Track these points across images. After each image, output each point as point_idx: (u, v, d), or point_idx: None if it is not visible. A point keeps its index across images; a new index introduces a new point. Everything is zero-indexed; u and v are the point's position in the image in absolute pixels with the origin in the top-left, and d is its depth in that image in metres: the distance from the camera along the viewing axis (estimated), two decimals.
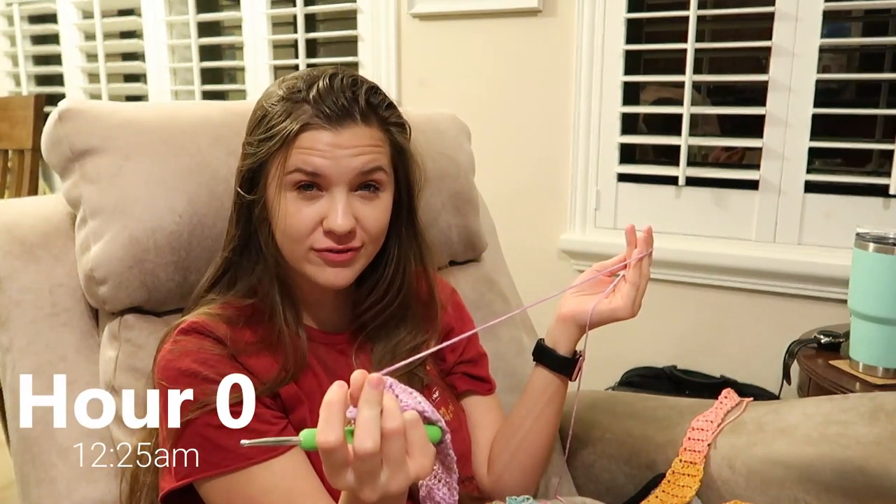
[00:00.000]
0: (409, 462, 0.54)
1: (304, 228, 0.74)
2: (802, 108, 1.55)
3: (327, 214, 0.74)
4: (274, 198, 0.75)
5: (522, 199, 1.87)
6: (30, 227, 0.91)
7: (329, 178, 0.74)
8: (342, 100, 0.74)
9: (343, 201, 0.74)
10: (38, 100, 1.97)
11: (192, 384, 0.70)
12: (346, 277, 0.77)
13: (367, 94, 0.76)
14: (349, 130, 0.74)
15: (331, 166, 0.73)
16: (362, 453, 0.51)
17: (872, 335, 1.23)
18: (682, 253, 1.69)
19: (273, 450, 0.71)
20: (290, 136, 0.73)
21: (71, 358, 0.88)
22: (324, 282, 0.77)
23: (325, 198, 0.75)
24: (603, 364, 1.85)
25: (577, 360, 0.91)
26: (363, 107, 0.75)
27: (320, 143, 0.73)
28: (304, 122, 0.73)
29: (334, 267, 0.76)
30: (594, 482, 1.12)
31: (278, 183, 0.74)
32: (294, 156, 0.73)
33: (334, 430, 0.52)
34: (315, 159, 0.73)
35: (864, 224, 1.26)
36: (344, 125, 0.74)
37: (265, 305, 0.79)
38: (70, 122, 0.86)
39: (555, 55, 1.78)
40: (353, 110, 0.74)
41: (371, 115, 0.76)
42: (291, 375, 0.76)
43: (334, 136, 0.73)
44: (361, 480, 0.53)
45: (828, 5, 1.50)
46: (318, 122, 0.73)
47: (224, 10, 2.41)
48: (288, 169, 0.74)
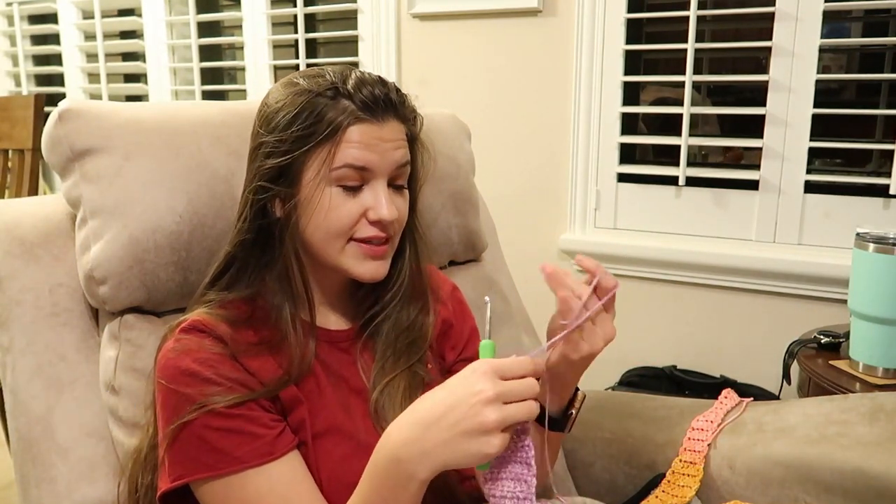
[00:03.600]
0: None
1: (350, 221, 0.75)
2: (802, 108, 1.55)
3: (371, 206, 0.75)
4: (312, 192, 0.75)
5: (522, 199, 1.87)
6: (30, 227, 0.91)
7: (373, 171, 0.75)
8: (379, 93, 0.75)
9: (385, 191, 0.76)
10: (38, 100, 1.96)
11: (191, 384, 0.70)
12: (385, 270, 0.80)
13: (394, 88, 0.78)
14: (389, 124, 0.76)
15: (376, 159, 0.75)
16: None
17: (872, 335, 1.23)
18: (682, 253, 1.69)
19: (269, 454, 0.71)
20: (338, 130, 0.73)
21: (71, 358, 0.88)
22: (364, 275, 0.78)
23: (366, 190, 0.76)
24: (603, 364, 1.84)
25: (569, 416, 0.81)
26: (395, 100, 0.77)
27: (367, 136, 0.74)
28: (352, 116, 0.73)
29: (375, 260, 0.78)
30: (594, 482, 1.12)
31: (321, 177, 0.74)
32: (342, 150, 0.73)
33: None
34: (364, 153, 0.74)
35: (864, 224, 1.26)
36: (385, 118, 0.75)
37: (268, 306, 0.78)
38: (70, 122, 0.86)
39: (555, 55, 1.78)
40: (389, 104, 0.76)
41: (401, 110, 0.78)
42: (295, 379, 0.76)
43: (379, 130, 0.75)
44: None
45: (828, 5, 1.50)
46: (364, 115, 0.74)
47: (224, 10, 2.41)
48: (336, 164, 0.74)
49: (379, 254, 0.78)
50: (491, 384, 0.60)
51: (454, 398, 0.61)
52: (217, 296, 0.79)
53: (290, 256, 0.77)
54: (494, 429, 0.60)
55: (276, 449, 0.71)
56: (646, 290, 1.76)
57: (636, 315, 1.78)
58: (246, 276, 0.79)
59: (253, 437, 0.70)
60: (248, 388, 0.72)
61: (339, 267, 0.78)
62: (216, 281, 0.80)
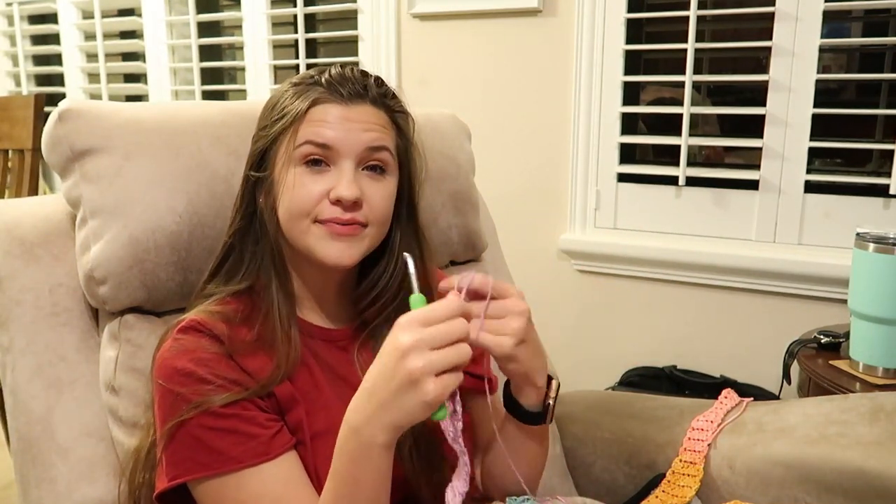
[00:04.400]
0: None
1: (311, 200, 0.75)
2: (802, 108, 1.55)
3: (334, 186, 0.75)
4: (280, 173, 0.76)
5: (522, 199, 1.87)
6: (30, 227, 0.91)
7: (338, 150, 0.75)
8: (354, 83, 0.77)
9: (350, 172, 0.75)
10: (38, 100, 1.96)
11: (187, 384, 0.70)
12: (352, 255, 0.76)
13: (376, 81, 0.79)
14: (359, 108, 0.77)
15: (340, 139, 0.75)
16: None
17: (872, 335, 1.23)
18: (682, 253, 1.69)
19: (265, 454, 0.71)
20: (301, 111, 0.75)
21: (71, 358, 0.88)
22: (328, 257, 0.76)
23: (333, 172, 0.76)
24: (603, 364, 1.85)
25: (546, 408, 0.79)
26: (373, 92, 0.78)
27: (330, 116, 0.75)
28: (315, 97, 0.76)
29: (340, 241, 0.75)
30: (594, 482, 1.12)
31: (287, 158, 0.76)
32: (304, 129, 0.75)
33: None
34: (325, 130, 0.75)
35: (864, 224, 1.26)
36: (355, 102, 0.77)
37: (262, 301, 0.78)
38: (70, 122, 0.86)
39: (555, 55, 1.78)
40: (364, 92, 0.77)
41: (380, 101, 0.79)
42: (285, 373, 0.75)
43: (345, 111, 0.76)
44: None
45: (828, 5, 1.50)
46: (329, 97, 0.76)
47: (224, 10, 2.41)
48: (298, 142, 0.75)
49: (343, 233, 0.75)
50: (409, 333, 0.60)
51: (383, 359, 0.62)
52: (216, 289, 0.80)
53: (272, 244, 0.79)
54: (423, 375, 0.59)
55: (272, 449, 0.71)
56: (646, 290, 1.76)
57: (636, 315, 1.78)
58: (243, 266, 0.80)
59: (248, 436, 0.70)
60: (245, 387, 0.72)
61: (307, 250, 0.77)
62: (216, 273, 0.81)
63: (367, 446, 0.63)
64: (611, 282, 1.80)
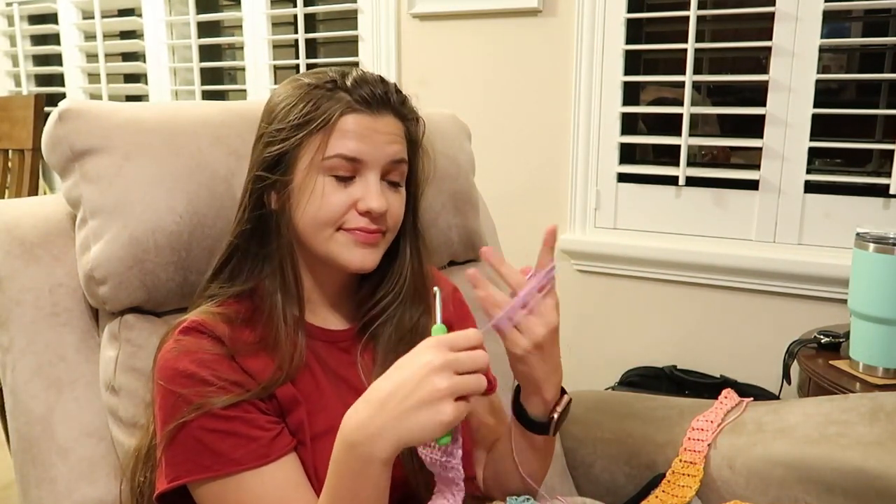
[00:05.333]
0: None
1: (339, 210, 0.76)
2: (802, 108, 1.55)
3: (360, 197, 0.76)
4: (304, 180, 0.76)
5: (522, 200, 1.87)
6: (30, 227, 0.91)
7: (365, 162, 0.76)
8: (377, 89, 0.77)
9: (377, 184, 0.76)
10: (38, 100, 1.96)
11: (188, 385, 0.70)
12: (374, 260, 0.79)
13: (395, 88, 0.79)
14: (384, 119, 0.77)
15: (370, 151, 0.75)
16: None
17: (872, 335, 1.23)
18: (682, 253, 1.69)
19: (265, 457, 0.71)
20: (330, 120, 0.75)
21: (71, 358, 0.88)
22: (352, 263, 0.77)
23: (358, 182, 0.76)
24: (603, 364, 1.85)
25: (551, 420, 0.79)
26: (394, 100, 0.78)
27: (361, 127, 0.75)
28: (346, 107, 0.75)
29: (363, 248, 0.77)
30: (594, 482, 1.12)
31: (313, 165, 0.75)
32: (334, 140, 0.75)
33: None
34: (355, 144, 0.75)
35: (864, 224, 1.26)
36: (381, 112, 0.77)
37: (264, 303, 0.78)
38: (70, 122, 0.86)
39: (555, 55, 1.78)
40: (387, 100, 0.77)
41: (398, 110, 0.79)
42: (287, 375, 0.75)
43: (372, 121, 0.76)
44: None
45: (828, 5, 1.50)
46: (359, 107, 0.75)
47: (224, 10, 2.41)
48: (328, 153, 0.75)
49: (369, 241, 0.77)
50: (439, 354, 0.61)
51: (404, 373, 0.62)
52: (219, 290, 0.79)
53: (284, 248, 0.78)
54: (446, 396, 0.60)
55: (273, 451, 0.71)
56: (646, 290, 1.76)
57: (636, 315, 1.78)
58: (246, 267, 0.80)
59: (249, 439, 0.70)
60: (246, 389, 0.72)
61: (329, 256, 0.78)
62: (218, 273, 0.81)
63: (364, 461, 0.63)
64: (611, 282, 1.80)
